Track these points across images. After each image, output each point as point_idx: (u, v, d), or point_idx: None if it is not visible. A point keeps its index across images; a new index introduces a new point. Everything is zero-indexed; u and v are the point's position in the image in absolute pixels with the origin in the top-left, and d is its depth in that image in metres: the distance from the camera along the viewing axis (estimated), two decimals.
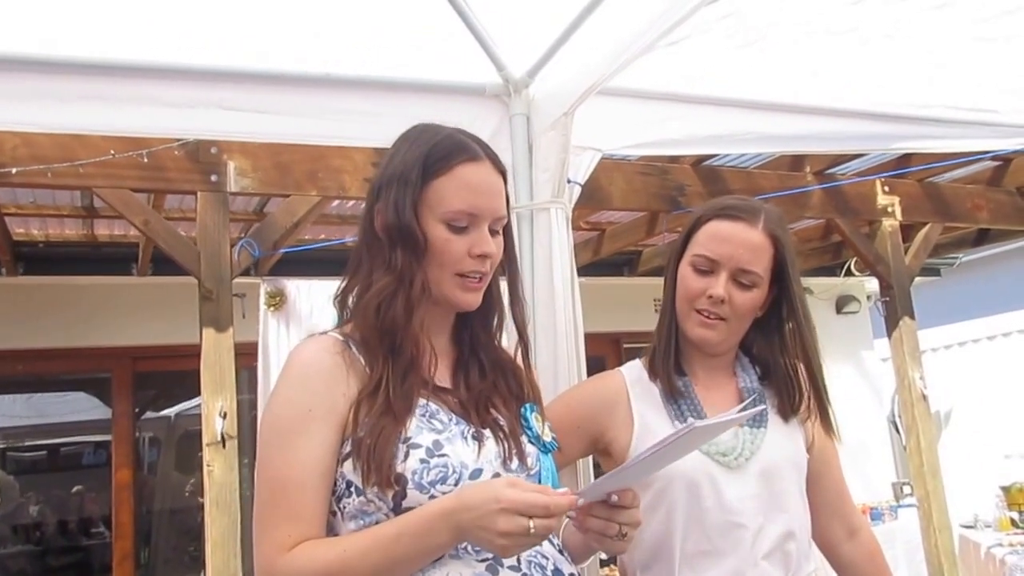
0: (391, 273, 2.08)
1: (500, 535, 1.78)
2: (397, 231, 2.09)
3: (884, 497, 9.84)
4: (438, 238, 2.09)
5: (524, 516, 1.78)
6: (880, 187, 7.15)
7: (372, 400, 2.00)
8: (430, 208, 2.09)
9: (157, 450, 9.44)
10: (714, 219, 2.66)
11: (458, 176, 2.10)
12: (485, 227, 2.13)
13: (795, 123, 4.12)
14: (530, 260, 3.40)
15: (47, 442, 9.80)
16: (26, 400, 9.51)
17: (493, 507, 1.80)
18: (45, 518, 9.26)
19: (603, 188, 6.03)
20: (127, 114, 3.26)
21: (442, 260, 2.10)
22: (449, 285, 2.12)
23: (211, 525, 4.71)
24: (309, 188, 5.31)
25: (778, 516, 2.59)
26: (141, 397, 8.73)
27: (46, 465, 9.84)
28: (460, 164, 2.11)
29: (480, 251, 2.11)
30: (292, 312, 6.05)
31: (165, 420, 9.54)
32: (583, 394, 2.95)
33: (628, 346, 9.28)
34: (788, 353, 2.71)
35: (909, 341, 7.08)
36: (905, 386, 7.00)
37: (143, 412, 9.01)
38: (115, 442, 8.27)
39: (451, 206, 2.08)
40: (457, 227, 2.09)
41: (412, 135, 2.21)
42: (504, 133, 3.51)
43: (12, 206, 6.60)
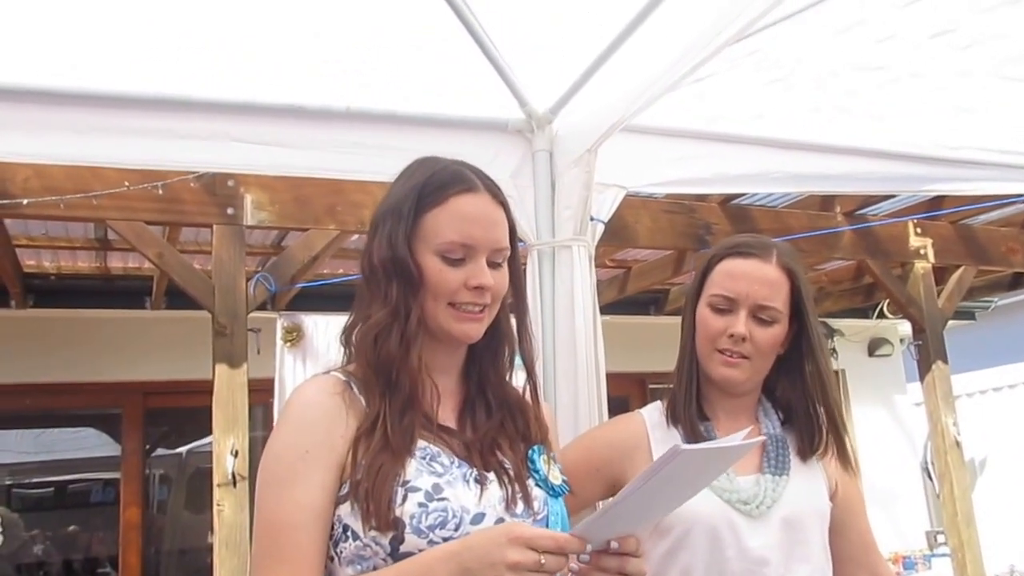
0: (387, 307, 2.08)
1: (509, 567, 1.75)
2: (391, 264, 2.09)
3: (917, 546, 9.77)
4: (432, 270, 2.08)
5: (535, 550, 1.77)
6: (912, 229, 7.17)
7: (370, 438, 1.99)
8: (424, 240, 2.09)
9: (167, 488, 9.43)
10: (727, 257, 2.67)
11: (452, 207, 2.09)
12: (482, 259, 2.10)
13: (824, 163, 4.11)
14: (551, 298, 3.40)
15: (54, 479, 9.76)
16: (33, 436, 9.50)
17: (502, 540, 1.78)
18: (50, 557, 9.20)
19: (629, 226, 6.06)
20: (143, 146, 3.27)
21: (436, 292, 2.09)
22: (444, 316, 2.09)
23: (220, 566, 4.73)
24: (328, 222, 5.35)
25: (801, 567, 2.57)
26: (152, 434, 8.74)
27: (52, 503, 9.78)
28: (455, 195, 2.09)
29: (476, 283, 2.08)
30: (309, 348, 6.07)
31: (176, 458, 9.53)
32: (602, 437, 2.93)
33: (654, 386, 9.27)
34: (809, 393, 2.68)
35: (942, 386, 7.08)
36: (938, 432, 6.98)
37: (154, 449, 9.01)
38: (124, 480, 8.30)
39: (445, 237, 2.08)
40: (452, 259, 2.08)
41: (411, 168, 2.21)
42: (527, 169, 3.52)
43: (24, 237, 6.66)
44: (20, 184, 4.64)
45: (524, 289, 2.31)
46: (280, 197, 5.22)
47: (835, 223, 6.87)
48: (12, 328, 7.86)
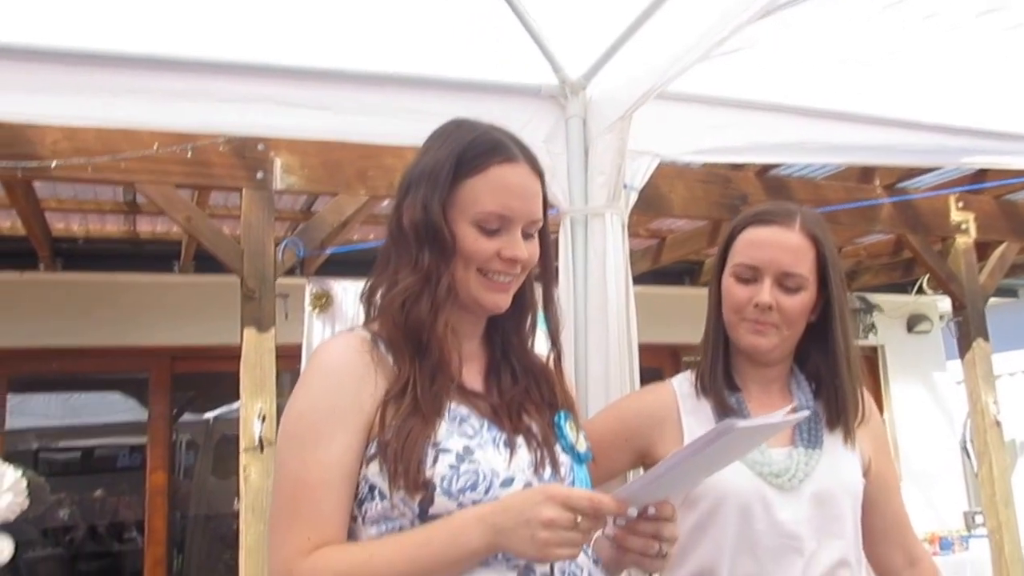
0: (417, 272, 2.08)
1: (543, 525, 1.78)
2: (424, 230, 2.08)
3: (955, 526, 9.66)
4: (467, 238, 2.08)
5: (570, 511, 1.79)
6: (954, 203, 7.12)
7: (399, 401, 1.99)
8: (461, 208, 2.09)
9: (194, 454, 9.48)
10: (750, 226, 2.67)
11: (492, 177, 2.09)
12: (517, 230, 2.12)
13: (864, 133, 4.08)
14: (583, 266, 3.40)
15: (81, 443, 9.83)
16: (60, 400, 9.56)
17: (538, 499, 1.80)
18: (76, 521, 9.27)
19: (663, 195, 6.06)
20: (174, 109, 3.28)
21: (468, 261, 2.09)
22: (475, 285, 2.11)
23: (246, 531, 4.75)
24: (358, 187, 5.37)
25: (832, 542, 2.56)
26: (179, 399, 8.79)
27: (79, 467, 9.85)
28: (495, 165, 2.10)
29: (510, 254, 2.10)
30: (338, 314, 6.08)
31: (203, 423, 9.57)
32: (632, 406, 2.94)
33: (687, 359, 9.27)
34: (836, 363, 2.67)
35: (982, 364, 7.04)
36: (978, 411, 6.94)
37: (180, 414, 9.06)
38: (150, 445, 8.34)
39: (483, 207, 2.08)
40: (488, 229, 2.09)
41: (446, 131, 2.20)
42: (559, 135, 3.52)
43: (52, 201, 6.72)
44: (49, 147, 4.68)
45: (552, 259, 2.31)
46: (310, 161, 5.23)
47: (874, 195, 6.84)
48: (40, 291, 7.92)
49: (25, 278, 7.78)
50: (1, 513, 5.37)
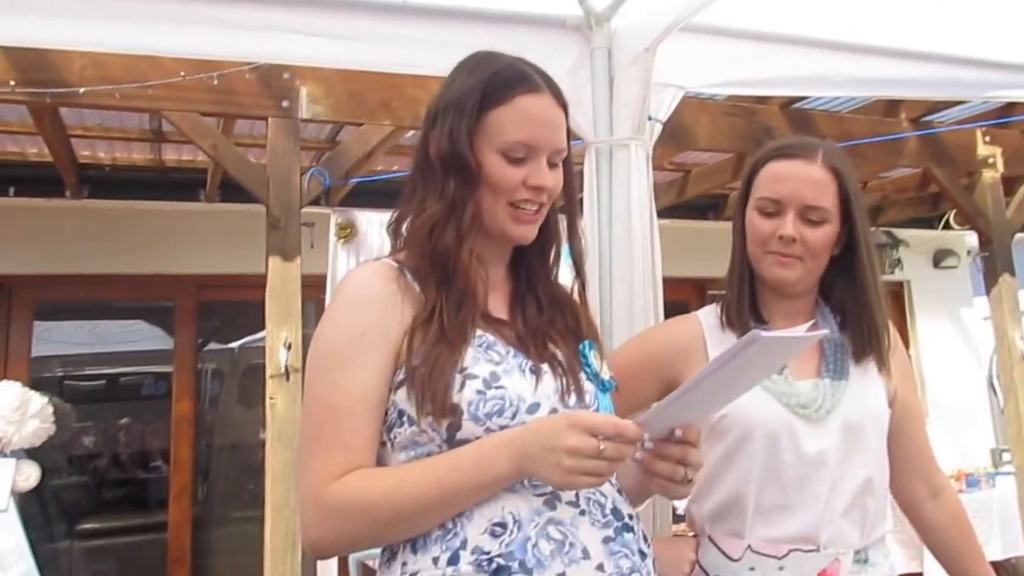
0: (443, 201, 2.11)
1: (568, 452, 1.81)
2: (451, 159, 2.11)
3: (981, 463, 9.63)
4: (493, 167, 2.11)
5: (594, 437, 1.82)
6: (981, 137, 7.07)
7: (426, 328, 2.02)
8: (487, 138, 2.12)
9: (219, 383, 9.52)
10: (772, 160, 2.69)
11: (517, 107, 2.12)
12: (543, 159, 2.15)
13: (888, 66, 4.08)
14: (608, 197, 3.43)
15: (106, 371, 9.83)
16: (86, 327, 9.60)
17: (563, 425, 1.83)
18: (101, 449, 9.28)
19: (688, 128, 6.07)
20: (200, 36, 3.30)
21: (496, 190, 2.12)
22: (502, 216, 2.15)
23: (272, 459, 4.82)
24: (383, 117, 5.39)
25: (857, 472, 2.59)
26: (204, 327, 8.82)
27: (105, 394, 9.83)
28: (520, 94, 2.13)
29: (536, 183, 2.13)
30: (363, 244, 6.13)
31: (229, 352, 9.57)
32: (659, 337, 2.96)
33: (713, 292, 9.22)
34: (861, 295, 2.69)
35: (1009, 299, 7.01)
36: (1004, 346, 6.93)
37: (206, 343, 9.07)
38: (176, 373, 8.42)
39: (509, 136, 2.11)
40: (514, 158, 2.12)
41: (472, 62, 2.23)
42: (584, 67, 3.52)
43: (79, 127, 6.73)
44: (76, 73, 4.70)
45: (576, 190, 2.34)
46: (335, 91, 5.25)
47: (900, 129, 6.81)
48: (67, 218, 7.97)
49: (51, 205, 7.82)
50: (27, 439, 5.44)
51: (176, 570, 8.20)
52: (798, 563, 2.54)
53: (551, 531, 1.94)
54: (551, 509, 1.96)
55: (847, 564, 2.56)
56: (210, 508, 8.91)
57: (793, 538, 2.55)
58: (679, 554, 2.66)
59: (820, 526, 2.55)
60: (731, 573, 2.58)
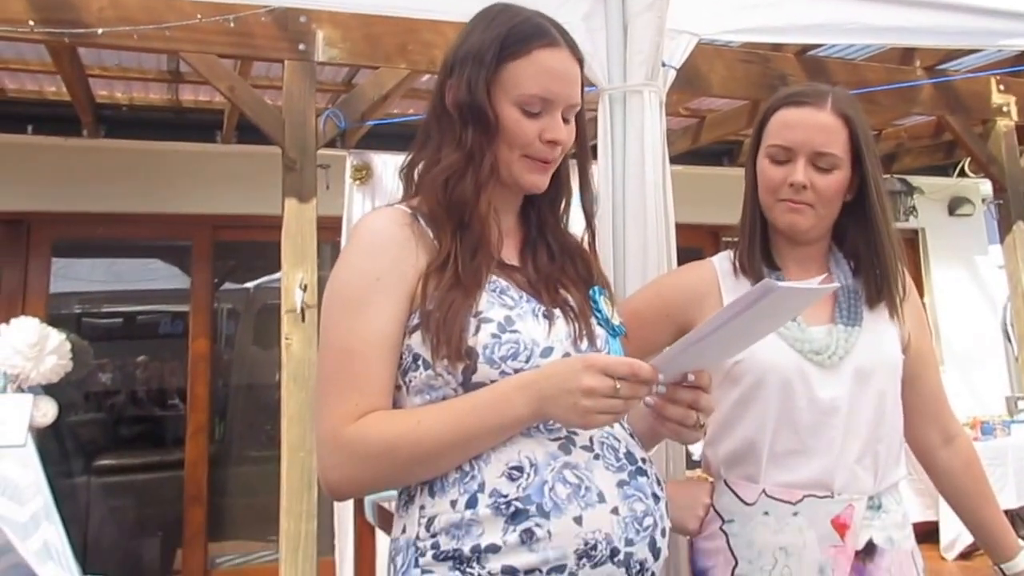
0: (460, 150, 2.14)
1: (584, 393, 1.85)
2: (469, 109, 2.14)
3: (997, 411, 9.69)
4: (510, 119, 2.14)
5: (609, 378, 1.86)
6: (995, 85, 7.07)
7: (441, 274, 2.05)
8: (504, 90, 2.15)
9: (235, 323, 9.55)
10: (782, 107, 2.70)
11: (535, 60, 2.14)
12: (558, 113, 2.17)
13: (903, 14, 4.08)
14: (622, 142, 3.43)
15: (123, 309, 9.81)
16: (103, 265, 9.61)
17: (578, 366, 1.87)
18: (118, 387, 9.34)
19: (703, 74, 6.08)
20: None
21: (512, 142, 2.15)
22: (517, 166, 2.18)
23: (287, 400, 4.89)
24: (399, 61, 5.41)
25: (871, 418, 2.63)
26: (220, 267, 8.87)
27: (122, 332, 9.84)
28: (538, 48, 2.15)
29: (551, 136, 2.16)
30: (378, 187, 6.16)
31: (244, 292, 9.57)
32: (674, 282, 2.99)
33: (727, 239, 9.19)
34: (875, 240, 2.71)
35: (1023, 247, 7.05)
36: (1019, 294, 6.95)
37: (222, 283, 9.11)
38: (193, 312, 8.48)
39: (526, 89, 2.13)
40: (530, 111, 2.14)
41: (491, 14, 2.25)
42: (598, 13, 3.51)
43: (97, 68, 6.80)
44: (95, 14, 4.75)
45: (587, 141, 2.37)
46: (351, 35, 5.28)
47: (914, 77, 6.81)
48: (84, 157, 8.02)
49: (69, 143, 7.88)
50: (45, 375, 5.50)
51: (193, 508, 8.28)
52: (812, 509, 2.58)
53: (567, 475, 1.98)
54: (566, 453, 2.01)
55: (860, 510, 2.60)
56: (226, 447, 8.99)
57: (807, 483, 2.59)
58: (694, 498, 2.71)
59: (834, 472, 2.58)
60: (745, 517, 2.62)
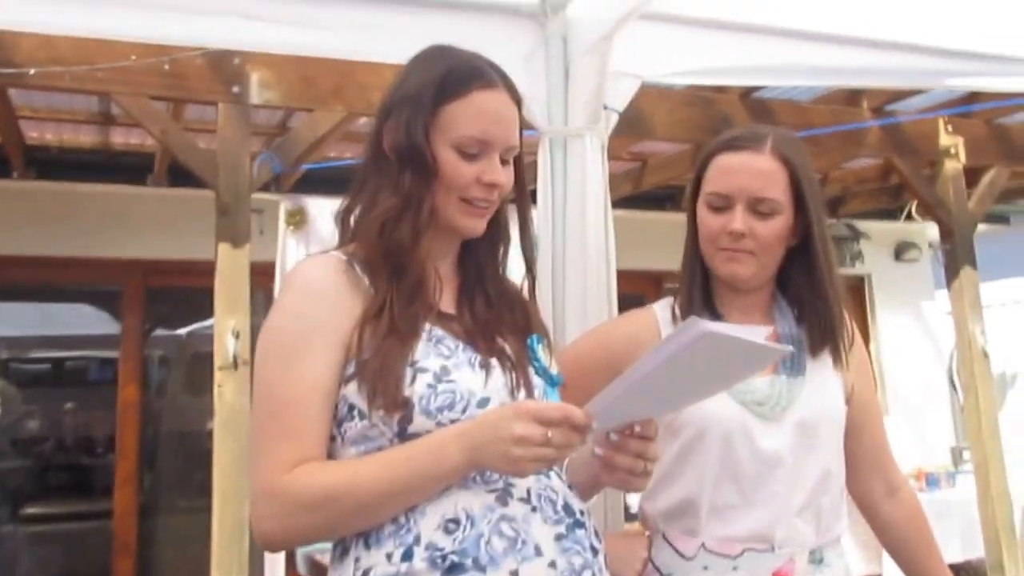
0: (398, 195, 2.13)
1: (515, 441, 1.83)
2: (407, 152, 2.13)
3: (942, 462, 9.69)
4: (447, 162, 2.13)
5: (541, 425, 1.84)
6: (943, 126, 7.06)
7: (377, 321, 2.04)
8: (442, 131, 2.14)
9: (166, 369, 9.50)
10: (720, 153, 2.67)
11: (473, 102, 2.15)
12: (496, 156, 2.18)
13: (850, 55, 4.07)
14: (562, 188, 3.42)
15: (52, 355, 9.80)
16: (32, 310, 9.54)
17: (509, 414, 1.86)
18: (46, 433, 9.30)
19: (646, 117, 6.05)
20: (150, 20, 3.27)
21: (449, 184, 2.14)
22: (453, 210, 2.17)
23: (219, 449, 4.79)
24: (334, 103, 5.37)
25: (814, 470, 2.59)
26: (151, 313, 8.80)
27: (50, 378, 9.84)
28: (476, 90, 2.16)
29: (489, 179, 2.16)
30: (312, 232, 6.12)
31: (176, 339, 9.55)
32: (614, 331, 2.96)
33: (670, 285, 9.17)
34: (818, 287, 2.68)
35: (970, 292, 6.96)
36: (965, 341, 6.88)
37: (153, 329, 9.06)
38: (123, 359, 8.40)
39: (464, 131, 2.13)
40: (468, 153, 2.14)
41: (428, 55, 2.25)
42: (539, 55, 3.50)
43: (27, 109, 6.72)
44: (27, 54, 4.68)
45: (527, 184, 2.36)
46: (287, 76, 5.24)
47: (861, 118, 6.80)
48: (14, 199, 7.92)
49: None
50: None
51: (122, 559, 8.19)
52: (752, 562, 2.54)
53: (503, 528, 1.97)
54: (503, 505, 1.99)
55: (802, 564, 2.57)
56: (156, 496, 8.89)
57: (748, 537, 2.55)
58: (631, 552, 2.66)
59: (775, 525, 2.55)
60: (684, 572, 2.59)
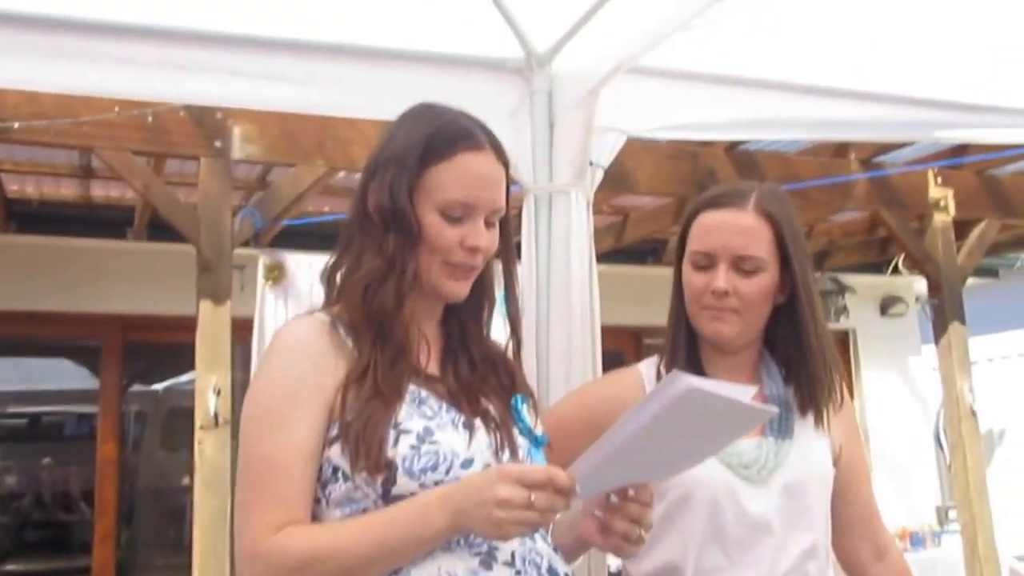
0: (382, 257, 2.12)
1: (498, 504, 1.81)
2: (391, 214, 2.12)
3: (927, 521, 9.65)
4: (431, 225, 2.12)
5: (524, 488, 1.82)
6: (932, 178, 7.06)
7: (360, 384, 2.03)
8: (427, 194, 2.13)
9: (142, 425, 9.48)
10: (703, 211, 2.66)
11: (458, 164, 2.13)
12: (481, 219, 2.16)
13: (839, 108, 4.06)
14: (547, 245, 3.41)
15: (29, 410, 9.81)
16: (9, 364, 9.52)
17: (492, 477, 1.84)
18: (23, 489, 9.30)
19: (629, 171, 6.05)
20: (133, 76, 3.26)
21: (432, 248, 2.13)
22: (436, 273, 2.16)
23: (200, 506, 4.78)
24: (316, 158, 5.39)
25: (801, 534, 2.57)
26: (130, 368, 8.81)
27: (27, 434, 9.84)
28: (461, 152, 2.14)
29: (472, 244, 2.14)
30: (291, 287, 6.14)
31: (153, 394, 9.55)
32: (598, 392, 2.93)
33: (649, 342, 9.22)
34: (805, 346, 2.64)
35: (958, 349, 6.96)
36: (952, 398, 6.87)
37: (131, 384, 9.09)
38: (101, 414, 8.39)
39: (448, 195, 2.12)
40: (452, 216, 2.13)
41: (414, 115, 2.24)
42: (524, 110, 3.50)
43: (8, 162, 6.76)
44: (11, 109, 4.71)
45: (513, 245, 2.35)
46: (268, 131, 5.25)
47: (849, 171, 6.81)
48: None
49: None
50: None
51: None
52: None
53: None
54: (487, 569, 1.97)
55: None
56: (134, 553, 8.87)
57: None
58: None
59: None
60: None
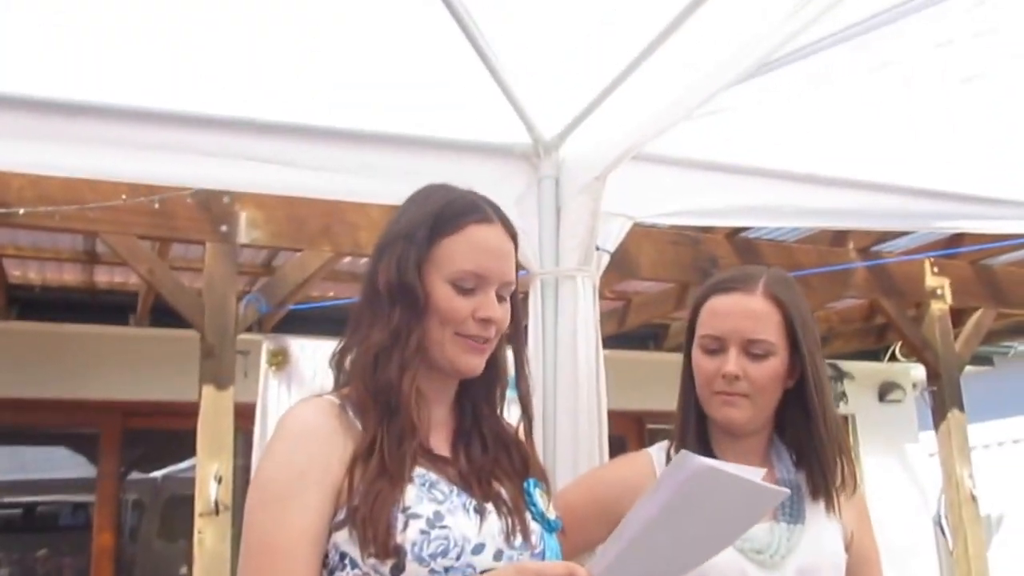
0: (387, 330, 2.12)
1: None
2: (398, 288, 2.13)
3: None
4: (442, 298, 2.13)
5: None
6: (929, 267, 7.16)
7: (366, 463, 2.02)
8: (437, 267, 2.14)
9: (140, 514, 9.40)
10: (712, 295, 2.68)
11: (468, 236, 2.16)
12: (492, 291, 2.17)
13: (838, 197, 4.11)
14: (553, 330, 3.41)
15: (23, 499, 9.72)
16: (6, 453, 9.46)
17: (511, 572, 1.85)
18: None
19: (631, 256, 6.10)
20: (141, 160, 3.27)
21: (444, 319, 2.13)
22: (451, 346, 2.15)
23: None
24: (323, 243, 5.41)
25: None
26: (128, 456, 8.75)
27: (21, 524, 9.74)
28: (471, 224, 2.17)
29: (485, 315, 2.15)
30: (294, 373, 6.10)
31: (151, 482, 9.47)
32: (608, 476, 2.93)
33: (652, 427, 9.20)
34: (815, 430, 2.65)
35: (958, 435, 7.01)
36: (952, 484, 6.91)
37: (129, 472, 8.99)
38: (99, 504, 8.34)
39: (460, 265, 2.13)
40: (463, 288, 2.14)
41: (423, 193, 2.27)
42: (531, 196, 3.54)
43: (11, 247, 6.75)
44: (15, 193, 4.72)
45: (522, 324, 2.36)
46: (275, 215, 5.28)
47: (847, 259, 6.90)
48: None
49: None
50: None
51: None
52: None
53: None
54: None
55: None
56: None
57: None
58: None
59: None
60: None
